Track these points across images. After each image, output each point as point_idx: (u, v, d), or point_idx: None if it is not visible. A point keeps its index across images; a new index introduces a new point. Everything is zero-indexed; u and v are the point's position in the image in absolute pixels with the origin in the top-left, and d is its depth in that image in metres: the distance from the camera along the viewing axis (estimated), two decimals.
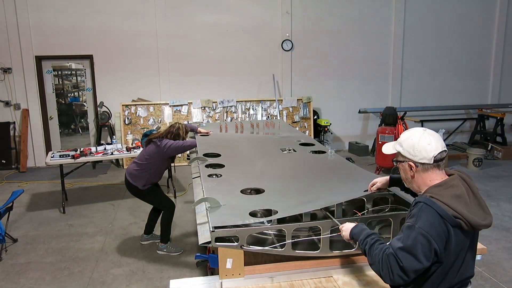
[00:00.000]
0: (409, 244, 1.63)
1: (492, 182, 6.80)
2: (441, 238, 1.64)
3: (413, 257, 1.62)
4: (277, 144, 4.27)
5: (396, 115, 7.18)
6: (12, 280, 3.90)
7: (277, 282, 2.23)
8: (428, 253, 1.62)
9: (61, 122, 8.58)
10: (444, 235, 1.65)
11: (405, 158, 1.82)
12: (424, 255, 1.62)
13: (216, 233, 2.09)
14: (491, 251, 4.29)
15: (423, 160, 1.77)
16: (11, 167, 7.99)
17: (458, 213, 1.65)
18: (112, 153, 5.83)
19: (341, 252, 2.29)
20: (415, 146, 1.78)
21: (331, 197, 2.54)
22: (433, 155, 1.75)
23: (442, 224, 1.64)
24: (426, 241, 1.62)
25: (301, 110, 8.81)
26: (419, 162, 1.78)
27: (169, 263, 4.18)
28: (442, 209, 1.65)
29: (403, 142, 1.83)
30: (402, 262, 1.63)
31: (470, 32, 9.57)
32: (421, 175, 1.80)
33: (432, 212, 1.65)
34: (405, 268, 1.63)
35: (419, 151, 1.77)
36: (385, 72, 9.36)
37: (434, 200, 1.68)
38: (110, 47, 8.14)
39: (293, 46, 8.78)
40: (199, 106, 8.36)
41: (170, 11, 8.22)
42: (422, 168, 1.79)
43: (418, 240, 1.62)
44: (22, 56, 7.82)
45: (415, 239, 1.62)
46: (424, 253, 1.62)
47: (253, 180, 3.02)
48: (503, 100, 9.97)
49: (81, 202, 6.07)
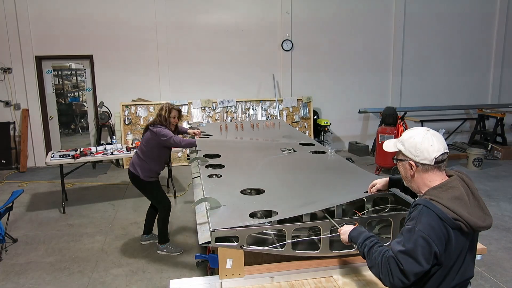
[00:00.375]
0: (410, 247, 1.62)
1: (492, 182, 6.80)
2: (441, 241, 1.63)
3: (413, 260, 1.61)
4: (277, 144, 4.28)
5: (396, 115, 7.18)
6: (12, 280, 3.90)
7: (277, 282, 2.23)
8: (428, 256, 1.62)
9: (61, 122, 8.59)
10: (444, 238, 1.64)
11: (406, 157, 1.81)
12: (424, 258, 1.61)
13: (216, 233, 2.09)
14: (491, 251, 4.29)
15: (424, 161, 1.76)
16: (11, 167, 7.99)
17: (458, 215, 1.64)
18: (112, 153, 5.83)
19: (341, 252, 2.28)
20: (417, 146, 1.76)
21: (331, 198, 2.54)
22: (434, 156, 1.74)
23: (442, 226, 1.63)
24: (427, 244, 1.61)
25: (301, 110, 8.81)
26: (420, 162, 1.77)
27: (169, 263, 4.18)
28: (442, 212, 1.64)
29: (405, 141, 1.82)
30: (403, 265, 1.62)
31: (470, 32, 9.56)
32: (421, 175, 1.79)
33: (432, 215, 1.64)
34: (406, 271, 1.62)
35: (421, 152, 1.75)
36: (385, 72, 9.36)
37: (434, 202, 1.67)
38: (110, 47, 8.14)
39: (293, 46, 8.78)
40: (199, 106, 8.36)
41: (170, 11, 8.22)
42: (423, 169, 1.78)
43: (419, 243, 1.61)
44: (22, 56, 7.83)
45: (416, 242, 1.61)
46: (424, 256, 1.61)
47: (253, 180, 3.02)
48: (503, 100, 9.97)
49: (81, 202, 6.07)
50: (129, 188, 6.60)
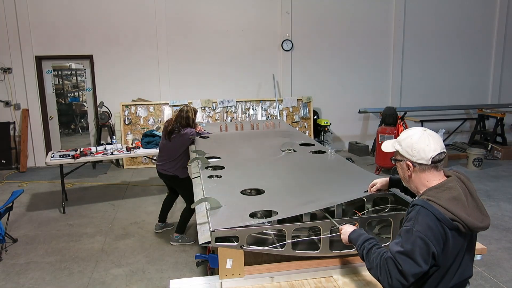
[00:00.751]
0: (408, 248, 1.62)
1: (492, 182, 6.80)
2: (439, 241, 1.63)
3: (412, 260, 1.61)
4: (277, 144, 4.28)
5: (396, 115, 7.18)
6: (12, 280, 3.90)
7: (277, 282, 2.23)
8: (426, 256, 1.62)
9: (61, 122, 8.59)
10: (441, 238, 1.64)
11: (403, 157, 1.82)
12: (422, 259, 1.61)
13: (216, 233, 2.09)
14: (491, 251, 4.29)
15: (421, 161, 1.76)
16: (11, 167, 7.99)
17: (455, 215, 1.64)
18: (112, 153, 5.83)
19: (341, 252, 2.28)
20: (414, 146, 1.77)
21: (331, 198, 2.54)
22: (431, 156, 1.75)
23: (440, 227, 1.63)
24: (424, 245, 1.61)
25: (301, 110, 8.81)
26: (417, 162, 1.77)
27: (169, 263, 4.18)
28: (439, 212, 1.65)
29: (402, 141, 1.83)
30: (401, 266, 1.62)
31: (470, 32, 9.56)
32: (419, 175, 1.80)
33: (430, 215, 1.64)
34: (404, 272, 1.61)
35: (417, 151, 1.76)
36: (385, 72, 9.37)
37: (431, 203, 1.68)
38: (110, 47, 8.15)
39: (293, 46, 8.78)
40: (199, 106, 8.36)
41: (170, 11, 8.22)
42: (420, 169, 1.78)
43: (417, 244, 1.61)
44: (22, 56, 7.83)
45: (414, 242, 1.62)
46: (422, 257, 1.61)
47: (253, 180, 3.02)
48: (503, 100, 9.97)
49: (81, 202, 6.07)
50: (129, 188, 6.61)
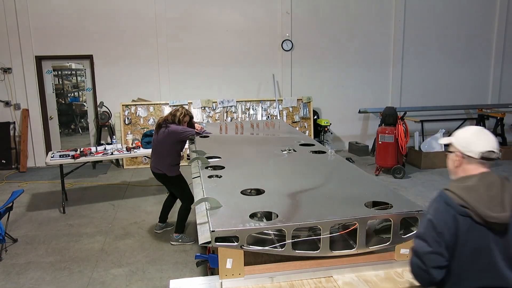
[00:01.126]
0: (421, 231, 1.80)
1: None
2: (448, 225, 1.71)
3: (422, 241, 1.76)
4: (277, 144, 4.27)
5: (396, 115, 7.17)
6: (12, 280, 3.90)
7: (277, 282, 2.23)
8: (436, 237, 1.72)
9: (61, 122, 8.59)
10: (451, 223, 1.72)
11: (455, 149, 1.91)
12: (432, 239, 1.72)
13: (216, 233, 2.09)
14: None
15: (470, 153, 1.84)
16: (11, 167, 7.99)
17: (465, 201, 1.71)
18: (112, 153, 5.83)
19: (341, 252, 2.29)
20: (467, 138, 1.88)
21: (331, 198, 2.53)
22: (480, 150, 1.82)
23: (449, 210, 1.73)
24: (432, 225, 1.74)
25: (301, 110, 8.81)
26: (466, 154, 1.85)
27: (169, 263, 4.18)
28: (448, 198, 1.76)
29: (458, 134, 1.94)
30: (415, 246, 1.79)
31: (470, 32, 9.56)
32: (464, 167, 1.88)
33: (440, 201, 1.79)
34: (419, 253, 1.75)
35: (469, 144, 1.85)
36: (385, 72, 9.36)
37: (446, 191, 1.80)
38: (110, 47, 8.14)
39: (293, 46, 8.78)
40: (199, 106, 8.36)
41: (170, 11, 8.22)
42: (467, 161, 1.86)
43: (427, 225, 1.76)
44: (22, 56, 7.83)
45: (424, 225, 1.79)
46: (432, 237, 1.72)
47: (253, 180, 3.02)
48: (503, 100, 9.96)
49: (81, 202, 6.07)
50: (129, 188, 6.61)
